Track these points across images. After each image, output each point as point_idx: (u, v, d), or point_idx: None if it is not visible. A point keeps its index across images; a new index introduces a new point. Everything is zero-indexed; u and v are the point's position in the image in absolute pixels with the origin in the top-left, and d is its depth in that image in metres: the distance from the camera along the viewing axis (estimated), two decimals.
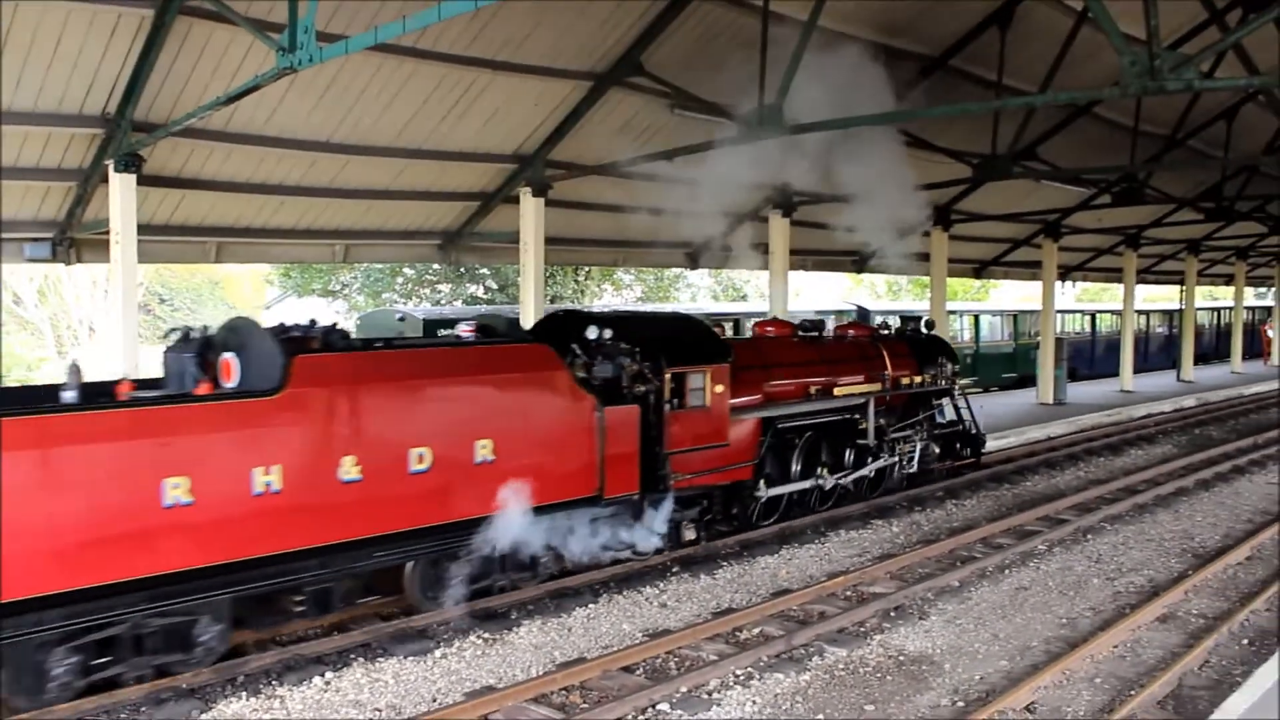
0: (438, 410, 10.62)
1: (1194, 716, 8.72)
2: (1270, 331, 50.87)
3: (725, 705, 9.14)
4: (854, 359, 16.62)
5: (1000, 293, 55.62)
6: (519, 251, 18.17)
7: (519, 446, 11.18)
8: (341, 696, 9.20)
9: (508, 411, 11.14)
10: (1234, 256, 43.46)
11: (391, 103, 15.35)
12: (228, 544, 9.21)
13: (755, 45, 14.99)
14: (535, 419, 11.42)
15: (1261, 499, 17.91)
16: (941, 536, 14.78)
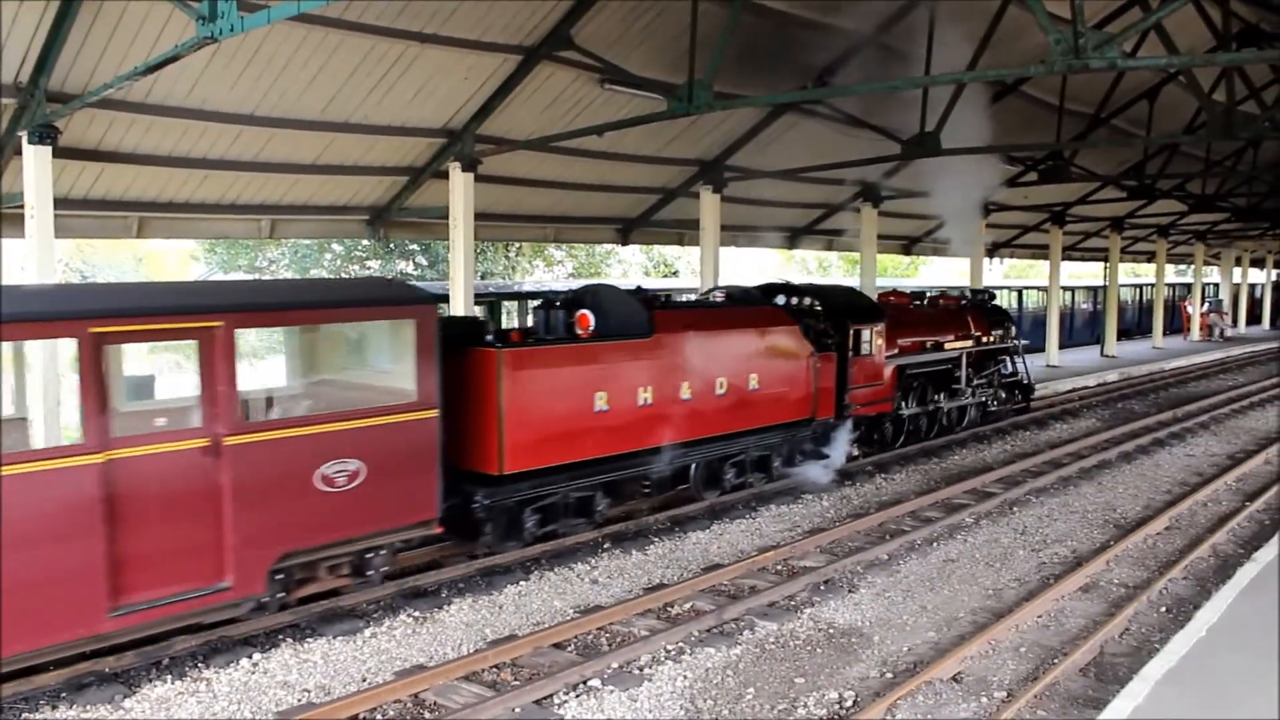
0: (729, 351, 14.72)
1: (1114, 682, 8.88)
2: (1189, 308, 51.98)
3: (656, 680, 9.16)
4: (952, 322, 21.18)
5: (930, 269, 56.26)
6: (448, 227, 17.97)
7: (770, 380, 15.35)
8: (269, 678, 9.09)
9: (763, 354, 15.33)
10: (1155, 234, 44.27)
11: (317, 75, 15.06)
12: (624, 440, 13.16)
13: (685, 20, 14.94)
14: (778, 361, 15.58)
15: (1180, 470, 18.32)
16: (871, 510, 14.93)
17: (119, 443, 8.54)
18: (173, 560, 8.89)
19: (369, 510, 10.17)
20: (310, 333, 11.04)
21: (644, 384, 13.31)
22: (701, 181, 21.85)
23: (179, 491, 8.92)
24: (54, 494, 8.17)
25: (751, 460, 15.54)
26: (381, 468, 10.18)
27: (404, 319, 10.65)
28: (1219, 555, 12.99)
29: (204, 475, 9.05)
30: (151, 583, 8.76)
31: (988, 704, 8.71)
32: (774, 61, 18.72)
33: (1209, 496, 16.12)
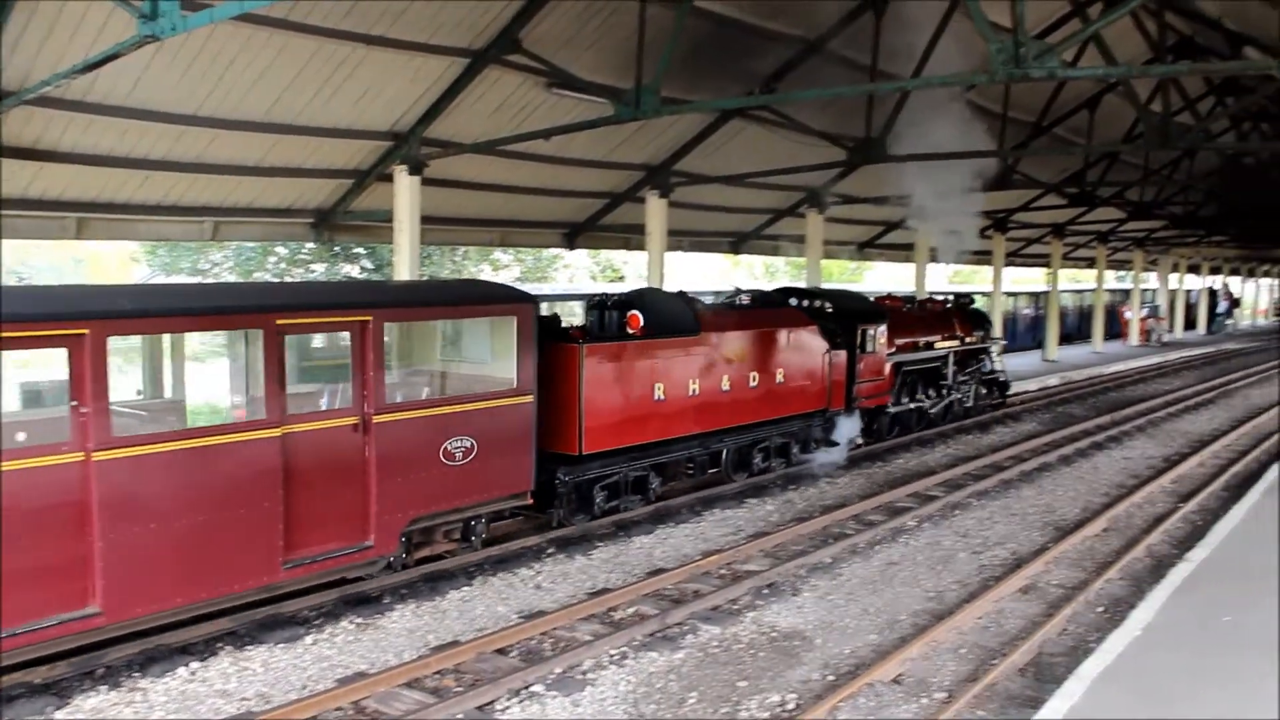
0: (761, 348, 16.36)
1: (1052, 681, 9.00)
2: (1128, 313, 52.81)
3: (600, 685, 9.17)
4: (940, 323, 22.83)
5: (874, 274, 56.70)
6: (394, 231, 17.86)
7: (793, 374, 17.02)
8: (208, 687, 8.99)
9: (789, 351, 16.97)
10: (1096, 241, 44.96)
11: (262, 76, 14.92)
12: (677, 426, 14.80)
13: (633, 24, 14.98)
14: (799, 357, 17.21)
15: (1118, 473, 18.62)
16: (815, 514, 15.04)
17: (292, 419, 9.99)
18: (330, 521, 10.39)
19: (478, 481, 11.76)
20: (430, 325, 12.64)
21: (693, 376, 14.99)
22: (648, 186, 21.90)
23: (336, 462, 10.40)
24: (248, 461, 9.60)
25: (775, 446, 17.27)
26: (489, 445, 11.76)
27: (508, 315, 12.23)
28: (1154, 556, 13.22)
29: (355, 448, 10.54)
30: (314, 540, 10.25)
31: (928, 705, 8.81)
32: (721, 67, 18.82)
33: (1145, 498, 16.40)
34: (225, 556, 9.48)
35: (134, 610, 9.00)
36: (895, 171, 22.94)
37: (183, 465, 9.15)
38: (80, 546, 8.58)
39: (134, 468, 8.81)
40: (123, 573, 8.77)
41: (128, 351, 10.32)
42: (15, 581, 8.17)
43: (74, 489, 8.52)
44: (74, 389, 8.57)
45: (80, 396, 8.56)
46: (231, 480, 9.48)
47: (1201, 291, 66.72)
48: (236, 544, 9.54)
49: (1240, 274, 77.98)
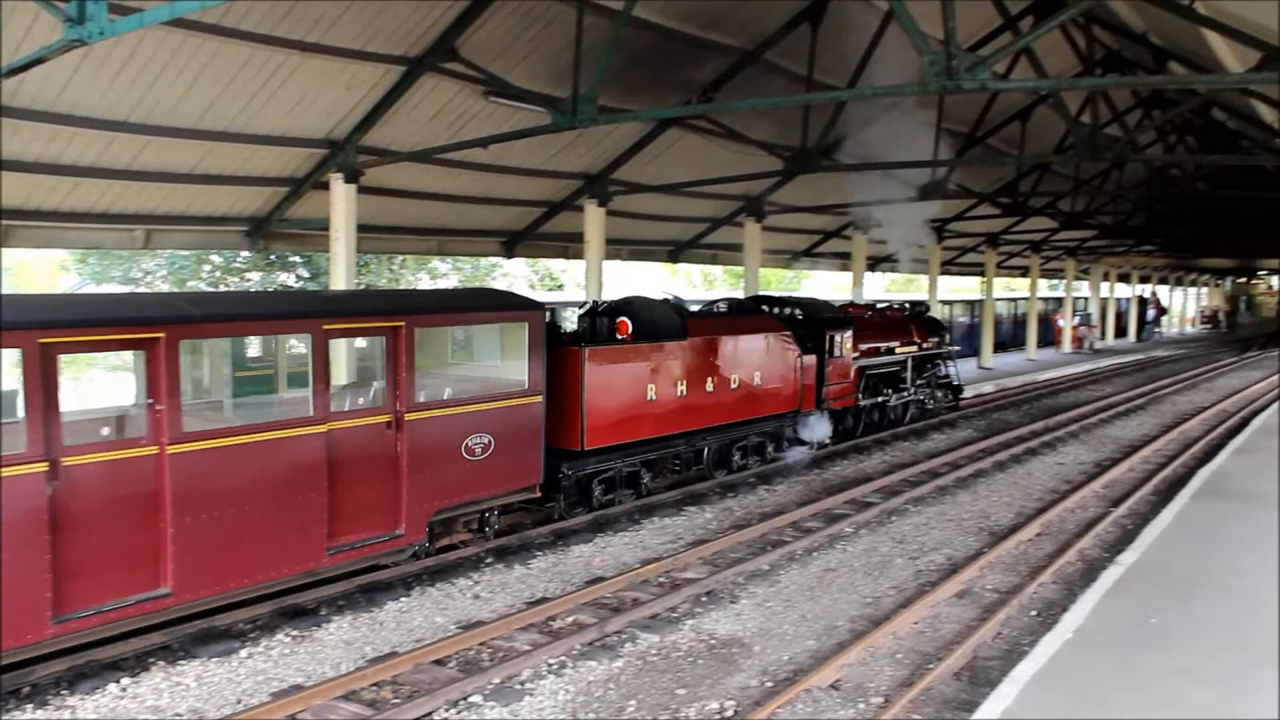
0: (742, 352, 17.43)
1: (986, 684, 9.11)
2: (1061, 321, 53.68)
3: (538, 695, 9.14)
4: (899, 330, 24.05)
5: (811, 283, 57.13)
6: (330, 239, 17.71)
7: (770, 377, 18.16)
8: (139, 703, 8.84)
9: (764, 355, 18.06)
10: (1029, 250, 45.65)
11: (195, 82, 14.72)
12: (667, 424, 15.85)
13: (570, 33, 14.99)
14: (774, 360, 18.33)
15: (1051, 478, 18.91)
16: (753, 521, 15.10)
17: (335, 416, 10.87)
18: (366, 511, 11.22)
19: (494, 475, 12.71)
20: (453, 330, 13.63)
21: (681, 378, 16.05)
22: (586, 195, 21.91)
23: (372, 457, 11.24)
24: (298, 455, 10.41)
25: (752, 445, 18.35)
26: (504, 441, 12.72)
27: (521, 321, 13.17)
28: (1085, 559, 13.44)
29: (389, 444, 11.43)
30: (353, 529, 11.09)
31: (865, 710, 8.88)
32: (659, 76, 18.90)
33: (1077, 503, 16.65)
34: (277, 543, 10.33)
35: (199, 591, 9.79)
36: (854, 182, 23.80)
37: (243, 458, 9.99)
38: (155, 532, 9.37)
39: (201, 460, 9.64)
40: (190, 557, 9.58)
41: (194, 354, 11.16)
42: (101, 563, 8.99)
43: (150, 479, 9.32)
44: (149, 388, 9.38)
45: (155, 395, 9.36)
46: (284, 472, 10.34)
47: (1132, 300, 67.99)
48: (287, 531, 10.40)
49: (1169, 283, 79.59)
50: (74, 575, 8.80)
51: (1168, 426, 25.67)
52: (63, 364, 8.86)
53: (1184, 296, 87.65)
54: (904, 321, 24.66)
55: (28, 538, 8.48)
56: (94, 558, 8.92)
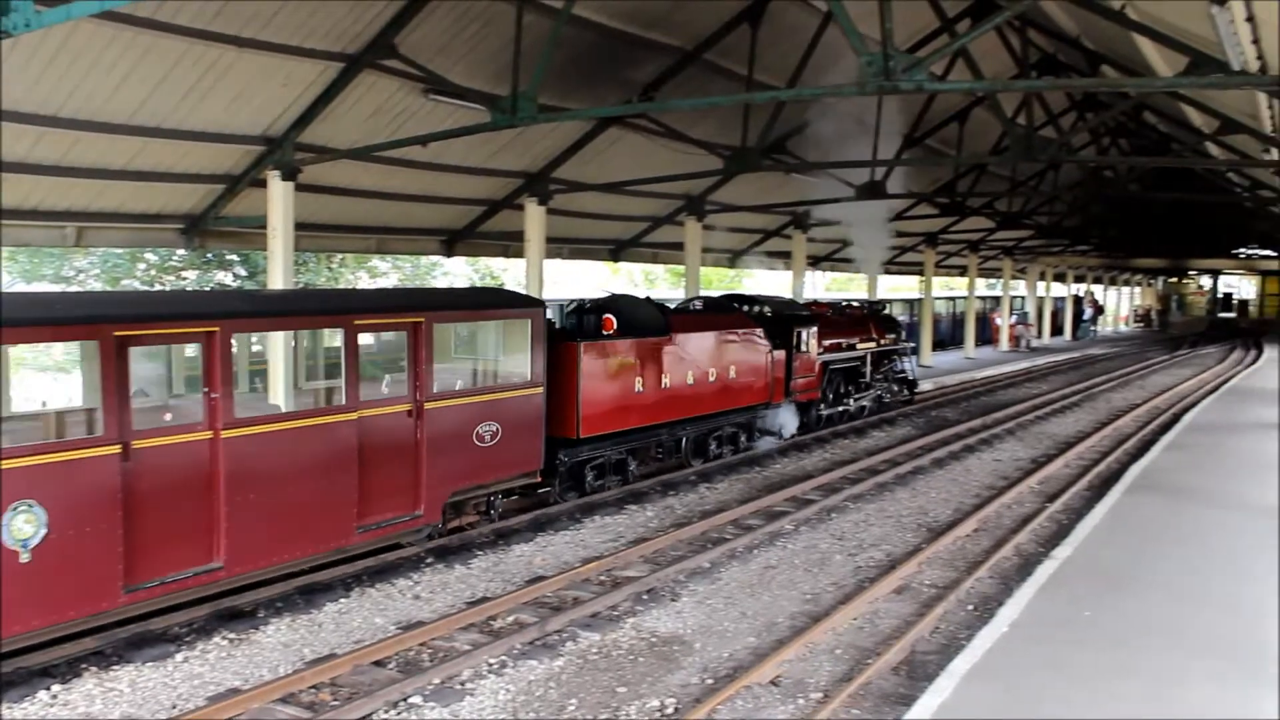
0: (719, 347, 18.50)
1: (924, 679, 9.21)
2: (998, 320, 54.39)
3: (479, 695, 9.10)
4: (859, 327, 25.18)
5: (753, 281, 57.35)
6: (268, 237, 17.50)
7: (744, 371, 19.19)
8: (70, 711, 8.66)
9: (739, 350, 19.11)
10: (967, 249, 46.22)
11: (128, 77, 14.46)
12: (652, 415, 16.85)
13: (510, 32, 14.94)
14: (748, 355, 19.37)
15: (988, 475, 19.16)
16: (694, 519, 15.14)
17: (364, 405, 11.59)
18: (390, 493, 12.01)
19: (501, 460, 13.58)
20: (465, 325, 14.36)
21: (665, 371, 17.03)
22: (527, 193, 21.84)
23: (395, 443, 12.02)
24: (334, 440, 11.22)
25: (726, 435, 19.34)
26: (510, 429, 13.57)
27: (524, 318, 14.06)
28: (1022, 554, 13.63)
29: (409, 431, 12.22)
30: (379, 509, 11.89)
31: (804, 705, 8.93)
32: (599, 75, 18.90)
33: (1013, 499, 16.89)
34: (315, 521, 11.12)
35: (247, 565, 10.53)
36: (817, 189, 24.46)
37: (285, 443, 10.78)
38: (210, 510, 10.11)
39: (251, 444, 10.39)
40: (240, 533, 10.31)
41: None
42: (164, 538, 9.71)
43: (205, 461, 10.06)
44: (206, 377, 10.13)
45: (211, 384, 10.11)
46: (321, 456, 11.12)
47: (1067, 299, 69.03)
48: (324, 510, 11.19)
49: (1103, 282, 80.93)
50: (141, 549, 9.53)
51: (1102, 423, 26.10)
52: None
53: (1118, 296, 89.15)
54: (864, 319, 25.76)
55: (105, 513, 9.21)
56: (158, 533, 9.67)
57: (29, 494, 8.73)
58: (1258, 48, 12.42)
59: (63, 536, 8.92)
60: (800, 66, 18.18)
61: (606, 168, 22.44)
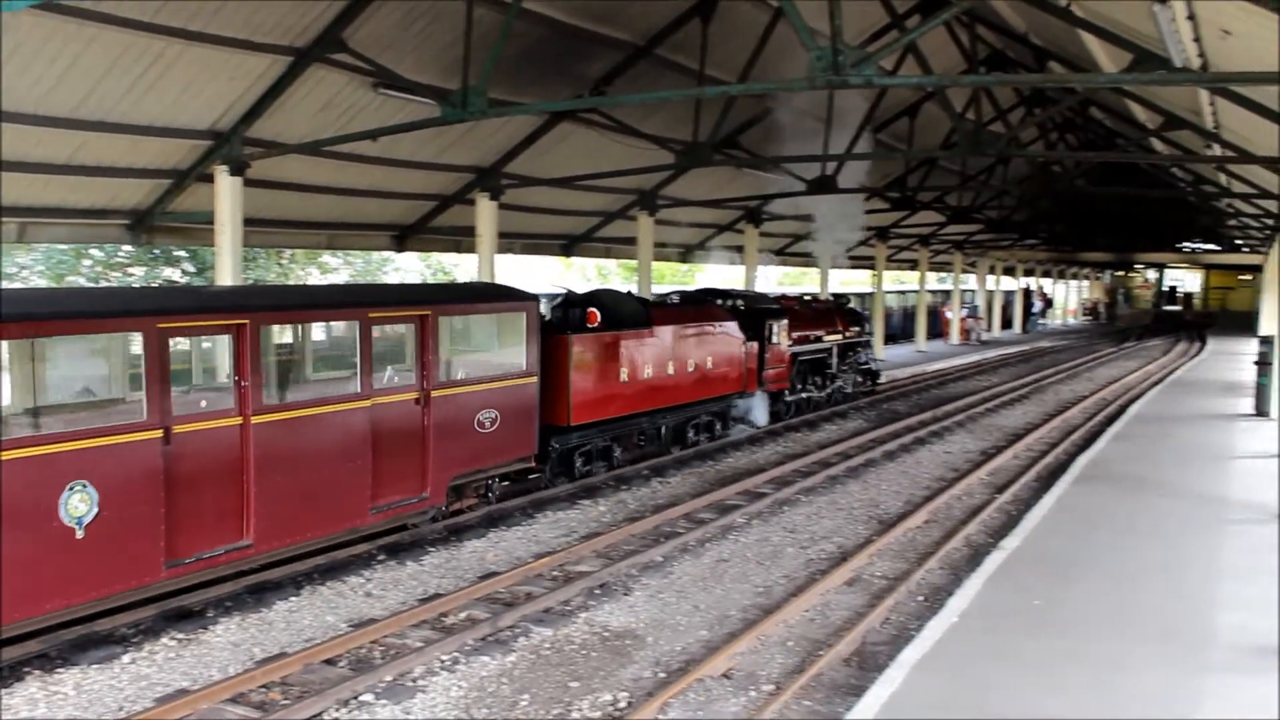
0: (697, 339, 19.40)
1: (875, 670, 9.29)
2: (949, 314, 54.89)
3: (430, 691, 9.08)
4: (825, 320, 26.09)
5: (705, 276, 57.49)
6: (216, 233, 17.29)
7: (720, 362, 20.11)
8: (12, 715, 8.53)
9: (715, 342, 19.98)
10: (918, 243, 46.57)
11: (70, 69, 14.22)
12: (636, 404, 17.71)
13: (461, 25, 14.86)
14: (724, 347, 20.30)
15: (939, 467, 19.34)
16: (647, 514, 15.17)
17: (378, 393, 12.41)
18: (400, 477, 12.77)
19: (500, 446, 14.39)
20: (464, 319, 14.84)
21: (648, 362, 17.83)
22: (478, 188, 21.74)
23: (404, 429, 12.81)
24: (351, 427, 12.00)
25: (703, 423, 20.21)
26: (507, 416, 14.40)
27: (520, 311, 14.88)
28: (971, 545, 13.78)
29: (417, 418, 13.01)
30: (390, 492, 12.62)
31: (756, 697, 8.98)
32: (550, 70, 18.84)
33: (963, 490, 17.07)
34: (333, 501, 11.85)
35: (274, 543, 11.26)
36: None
37: (308, 428, 11.58)
38: (240, 491, 10.82)
39: (277, 429, 11.18)
40: (267, 512, 11.03)
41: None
42: (200, 516, 10.46)
43: (236, 445, 10.79)
44: (236, 367, 10.86)
45: (241, 373, 10.85)
46: (339, 441, 11.89)
47: (1017, 292, 69.77)
48: (341, 492, 11.93)
49: (1052, 276, 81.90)
50: (180, 527, 10.24)
51: (1050, 415, 26.43)
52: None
53: (1066, 289, 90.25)
54: (829, 312, 26.82)
55: (149, 493, 9.89)
56: (195, 512, 10.39)
57: (83, 475, 9.36)
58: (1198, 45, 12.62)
59: (112, 515, 9.56)
60: (751, 61, 18.23)
61: (558, 162, 22.38)
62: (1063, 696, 8.32)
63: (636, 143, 21.07)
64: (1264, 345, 24.68)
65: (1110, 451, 19.54)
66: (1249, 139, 17.56)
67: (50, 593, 9.26)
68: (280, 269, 36.90)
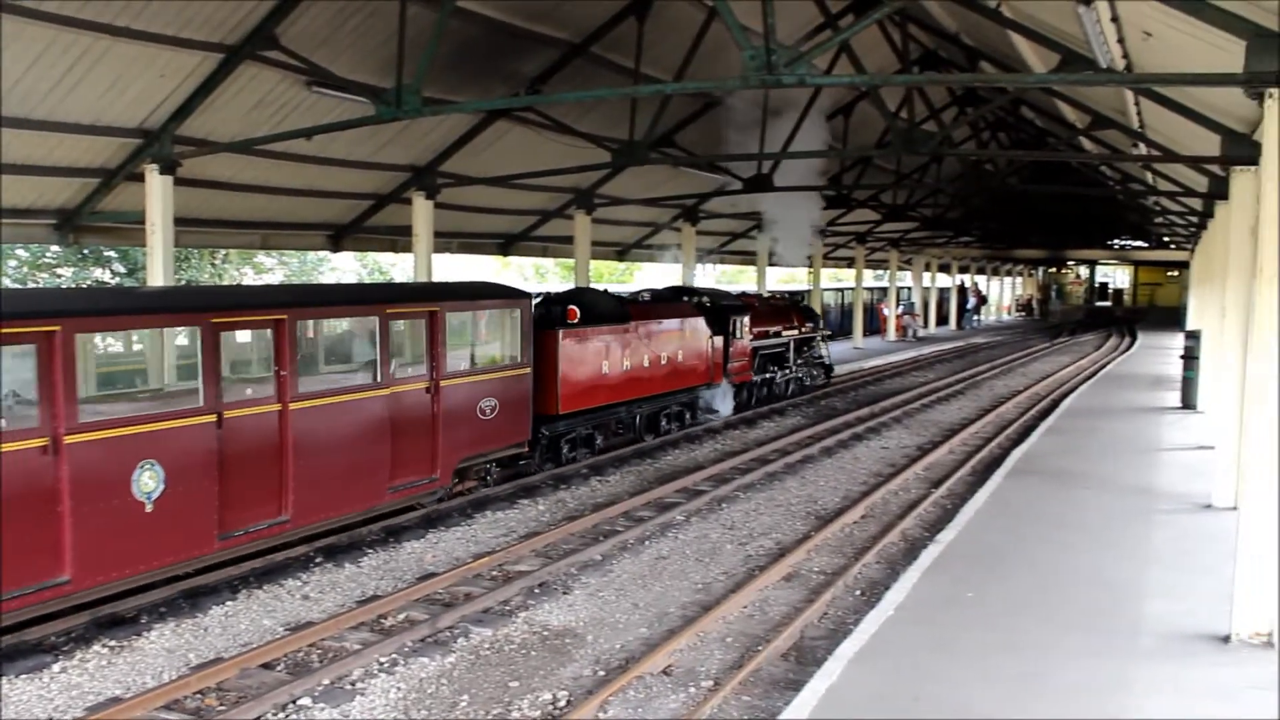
0: (670, 334, 20.94)
1: (813, 664, 9.37)
2: (886, 310, 55.44)
3: (370, 694, 9.02)
4: (783, 316, 27.74)
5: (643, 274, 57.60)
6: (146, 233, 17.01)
7: (689, 355, 21.71)
8: None
9: (686, 336, 21.56)
10: (854, 241, 46.97)
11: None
12: (616, 394, 19.16)
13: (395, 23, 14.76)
14: (693, 341, 21.89)
15: (876, 462, 19.54)
16: (586, 512, 15.18)
17: (395, 383, 13.65)
18: (413, 460, 13.98)
19: (498, 432, 15.74)
20: (467, 314, 15.74)
21: (625, 356, 19.26)
22: (414, 188, 21.60)
23: (416, 415, 14.04)
24: (372, 413, 13.25)
25: (673, 412, 21.71)
26: (505, 405, 15.74)
27: (514, 308, 16.20)
28: (908, 539, 13.94)
29: (427, 405, 14.27)
30: (405, 473, 13.80)
31: (696, 694, 9.02)
32: (486, 68, 18.76)
33: (900, 485, 17.26)
34: (357, 482, 13.02)
35: (309, 519, 12.33)
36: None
37: (337, 414, 12.74)
38: (280, 470, 11.86)
39: (311, 415, 12.23)
40: (303, 491, 12.07)
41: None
42: (246, 494, 11.50)
43: (276, 429, 11.86)
44: (276, 358, 11.94)
45: (280, 364, 11.94)
46: (363, 426, 13.09)
47: (952, 289, 70.60)
48: (364, 473, 13.09)
49: (986, 273, 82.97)
50: (230, 503, 11.26)
51: (985, 410, 26.80)
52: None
53: (1001, 286, 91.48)
54: (787, 309, 28.48)
55: (207, 472, 10.95)
56: (242, 490, 11.42)
57: (151, 454, 10.43)
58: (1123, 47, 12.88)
59: (176, 491, 10.64)
60: (687, 60, 18.28)
61: (495, 161, 22.29)
62: (996, 686, 8.45)
63: (573, 141, 21.05)
64: (1190, 340, 25.21)
65: (1043, 445, 19.87)
66: (1173, 138, 17.94)
67: (126, 560, 10.37)
68: (214, 270, 36.37)
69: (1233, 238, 13.82)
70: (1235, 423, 13.53)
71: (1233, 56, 9.24)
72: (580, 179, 24.81)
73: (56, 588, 9.70)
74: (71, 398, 9.76)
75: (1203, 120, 13.47)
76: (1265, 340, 9.03)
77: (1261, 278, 8.98)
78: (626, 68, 19.43)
